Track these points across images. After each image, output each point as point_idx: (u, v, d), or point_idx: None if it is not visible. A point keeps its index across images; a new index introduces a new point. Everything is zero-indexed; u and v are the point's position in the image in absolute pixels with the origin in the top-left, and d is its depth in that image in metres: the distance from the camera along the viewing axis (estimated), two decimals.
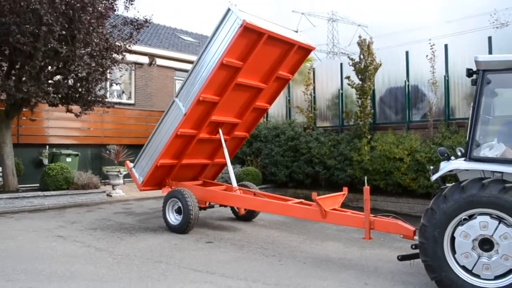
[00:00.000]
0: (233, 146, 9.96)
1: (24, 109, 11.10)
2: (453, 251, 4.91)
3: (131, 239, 7.69)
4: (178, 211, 8.29)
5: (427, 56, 11.11)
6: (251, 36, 7.55)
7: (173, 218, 8.38)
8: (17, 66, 10.16)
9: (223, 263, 6.33)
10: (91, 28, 9.92)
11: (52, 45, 9.44)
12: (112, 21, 11.90)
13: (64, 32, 9.62)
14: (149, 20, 11.60)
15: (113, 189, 12.79)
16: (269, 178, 14.04)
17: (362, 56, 12.05)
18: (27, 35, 9.19)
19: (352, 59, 12.31)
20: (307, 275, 5.83)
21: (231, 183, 8.92)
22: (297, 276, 5.78)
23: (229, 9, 7.44)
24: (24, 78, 9.81)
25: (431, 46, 11.05)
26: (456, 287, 4.80)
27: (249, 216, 9.47)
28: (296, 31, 8.84)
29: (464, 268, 4.84)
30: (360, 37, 12.37)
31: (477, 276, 4.77)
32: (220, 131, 8.89)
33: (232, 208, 9.62)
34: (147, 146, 8.85)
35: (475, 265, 4.77)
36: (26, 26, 9.18)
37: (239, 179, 10.95)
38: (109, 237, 7.76)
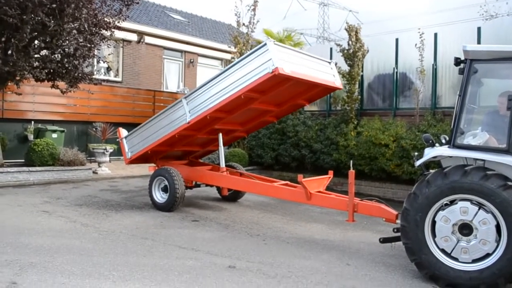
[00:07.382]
0: (228, 140, 9.90)
1: (9, 83, 10.92)
2: (434, 235, 5.06)
3: (117, 215, 7.73)
4: (165, 190, 8.35)
5: (416, 44, 11.18)
6: (278, 79, 7.10)
7: (159, 196, 8.44)
8: (3, 39, 9.95)
9: (208, 241, 6.41)
10: (80, 3, 9.74)
11: (40, 18, 9.26)
12: None
13: (53, 6, 9.44)
14: None
15: (99, 166, 12.73)
16: (256, 160, 14.13)
17: (350, 42, 12.09)
18: (14, 7, 9.00)
19: (339, 45, 12.34)
20: (291, 255, 5.94)
21: (218, 164, 8.94)
22: (281, 255, 5.89)
23: (265, 44, 6.88)
24: (10, 52, 9.63)
25: (420, 35, 11.10)
26: (435, 269, 4.97)
27: (234, 196, 9.56)
28: (329, 62, 8.27)
29: (443, 251, 5.00)
30: (347, 23, 12.38)
31: (456, 259, 4.93)
32: (220, 135, 8.61)
33: (218, 188, 9.69)
34: (143, 127, 8.65)
35: (454, 248, 4.93)
36: None
37: (225, 160, 10.96)
38: (95, 214, 7.78)
